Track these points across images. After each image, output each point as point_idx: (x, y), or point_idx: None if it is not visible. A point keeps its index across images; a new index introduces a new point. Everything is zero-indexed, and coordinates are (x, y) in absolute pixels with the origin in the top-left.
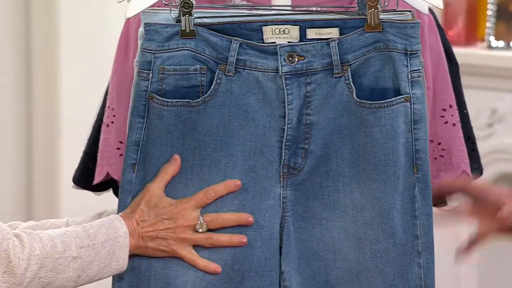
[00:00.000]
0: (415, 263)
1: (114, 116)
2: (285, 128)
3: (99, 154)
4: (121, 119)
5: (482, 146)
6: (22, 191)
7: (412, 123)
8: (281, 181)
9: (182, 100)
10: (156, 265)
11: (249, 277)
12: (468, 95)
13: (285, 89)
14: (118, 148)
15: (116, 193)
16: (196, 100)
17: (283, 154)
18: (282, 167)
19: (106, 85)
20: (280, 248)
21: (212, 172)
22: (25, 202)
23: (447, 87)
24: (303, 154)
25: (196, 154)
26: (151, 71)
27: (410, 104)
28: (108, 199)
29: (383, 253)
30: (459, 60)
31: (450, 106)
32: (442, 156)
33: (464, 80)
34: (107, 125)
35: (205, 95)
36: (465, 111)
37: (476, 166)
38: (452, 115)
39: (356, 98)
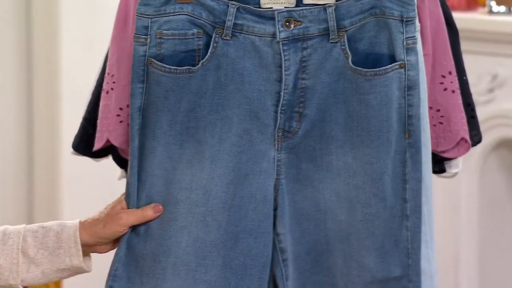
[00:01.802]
0: (403, 226)
1: (114, 82)
2: (281, 93)
3: (99, 121)
4: (121, 85)
5: (482, 112)
6: (23, 157)
7: (406, 89)
8: (276, 144)
9: (182, 68)
10: (153, 225)
11: (243, 239)
12: (469, 61)
13: (282, 54)
14: (118, 115)
15: (115, 159)
16: (196, 67)
17: (279, 118)
18: (277, 131)
19: (106, 50)
20: (275, 210)
21: (207, 134)
22: (26, 168)
23: (447, 54)
24: (298, 118)
25: (191, 116)
26: (149, 36)
27: (405, 71)
28: (108, 165)
29: (373, 216)
30: (460, 25)
31: (450, 73)
32: (441, 123)
33: (465, 46)
34: (107, 92)
35: (203, 60)
36: (464, 78)
37: (475, 133)
38: (452, 82)
39: (352, 65)
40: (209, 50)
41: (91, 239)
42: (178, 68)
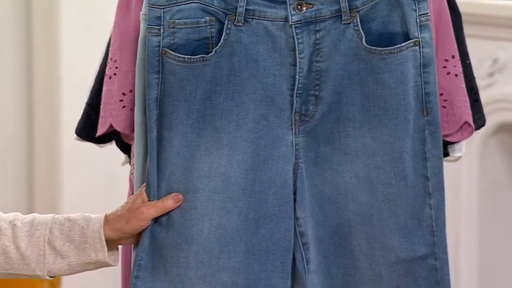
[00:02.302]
0: (426, 204)
1: (116, 68)
2: (296, 76)
3: (102, 106)
4: (124, 71)
5: (483, 96)
6: (23, 143)
7: (422, 67)
8: (293, 128)
9: (196, 56)
10: (174, 215)
11: (264, 225)
12: (470, 45)
13: (295, 38)
14: (121, 100)
15: (119, 145)
16: (210, 55)
17: (295, 101)
18: (294, 115)
19: (107, 35)
20: (294, 194)
21: (224, 121)
22: (26, 154)
23: (450, 38)
24: (314, 101)
25: (207, 104)
26: (162, 26)
27: (419, 48)
28: (110, 151)
29: (395, 195)
30: (461, 9)
31: (453, 57)
32: (444, 107)
33: (466, 30)
34: (110, 77)
35: (216, 47)
36: (467, 62)
37: (479, 117)
38: (455, 66)
39: (366, 45)
40: (222, 37)
41: (115, 234)
42: (192, 57)
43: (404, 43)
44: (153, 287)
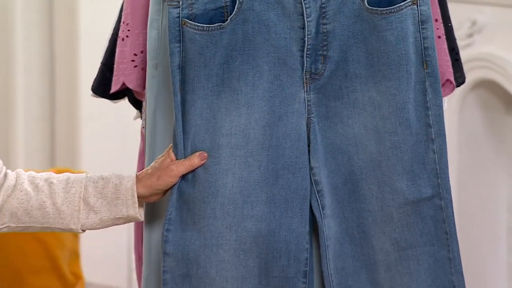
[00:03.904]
0: (429, 149)
1: (128, 30)
2: (305, 38)
3: (115, 66)
4: (135, 33)
5: (462, 55)
6: (46, 100)
7: (420, 23)
8: (305, 86)
9: (213, 25)
10: (199, 171)
11: (282, 175)
12: (451, 8)
13: (303, 3)
14: (132, 60)
15: (130, 101)
16: (226, 23)
17: (305, 61)
18: (305, 74)
19: (122, 1)
20: (308, 146)
21: (241, 83)
22: (48, 108)
23: (433, 2)
24: (323, 60)
25: (225, 68)
26: None
27: (417, 7)
28: (123, 107)
29: (401, 143)
30: None
31: (436, 20)
32: None
33: None
34: (122, 39)
35: (231, 15)
36: (449, 25)
37: (459, 75)
38: (438, 28)
39: (367, 6)
40: (236, 6)
41: (147, 191)
42: (210, 25)
43: (403, 3)
44: (183, 238)
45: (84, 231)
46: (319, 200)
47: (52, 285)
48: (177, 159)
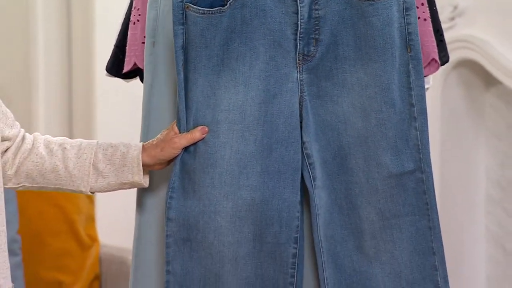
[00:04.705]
0: (412, 127)
1: (139, 15)
2: (298, 23)
3: (127, 48)
4: (145, 17)
5: (445, 37)
6: (65, 79)
7: (404, 10)
8: (298, 67)
9: (214, 9)
10: (200, 144)
11: (276, 149)
12: None
13: None
14: (143, 42)
15: (141, 79)
16: (225, 7)
17: (298, 44)
18: (298, 55)
19: None
20: (301, 122)
21: (239, 63)
22: (67, 85)
23: None
24: (314, 43)
25: (225, 49)
26: None
27: None
28: (136, 84)
29: (386, 120)
30: None
31: (422, 4)
32: None
33: None
34: (134, 23)
35: (230, 0)
36: (434, 8)
37: (444, 55)
38: (424, 12)
39: None
40: None
41: (151, 160)
42: (211, 9)
43: None
44: (184, 205)
45: (93, 193)
46: (310, 172)
47: (69, 247)
48: (180, 133)
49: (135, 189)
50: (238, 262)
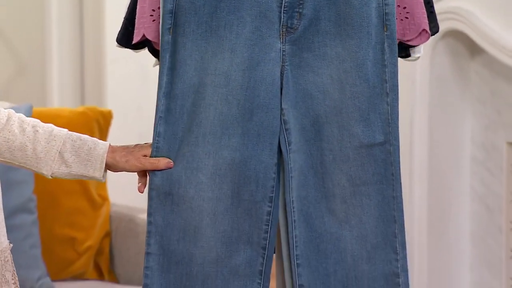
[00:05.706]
0: (384, 101)
1: None
2: None
3: (136, 20)
4: None
5: (435, 8)
6: (77, 48)
7: None
8: (281, 38)
9: None
10: (187, 104)
11: (256, 113)
12: None
13: None
14: (151, 15)
15: (150, 50)
16: None
17: (282, 16)
18: (282, 27)
19: None
20: (281, 90)
21: (226, 31)
22: (79, 54)
23: None
24: (298, 17)
25: (213, 17)
26: None
27: None
28: (144, 55)
29: (359, 94)
30: None
31: None
32: (407, 18)
33: None
34: None
35: None
36: None
37: (434, 25)
38: None
39: None
40: None
41: (113, 164)
42: None
43: None
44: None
45: (52, 177)
46: (286, 137)
47: (82, 206)
48: (158, 93)
49: None
50: (216, 217)
